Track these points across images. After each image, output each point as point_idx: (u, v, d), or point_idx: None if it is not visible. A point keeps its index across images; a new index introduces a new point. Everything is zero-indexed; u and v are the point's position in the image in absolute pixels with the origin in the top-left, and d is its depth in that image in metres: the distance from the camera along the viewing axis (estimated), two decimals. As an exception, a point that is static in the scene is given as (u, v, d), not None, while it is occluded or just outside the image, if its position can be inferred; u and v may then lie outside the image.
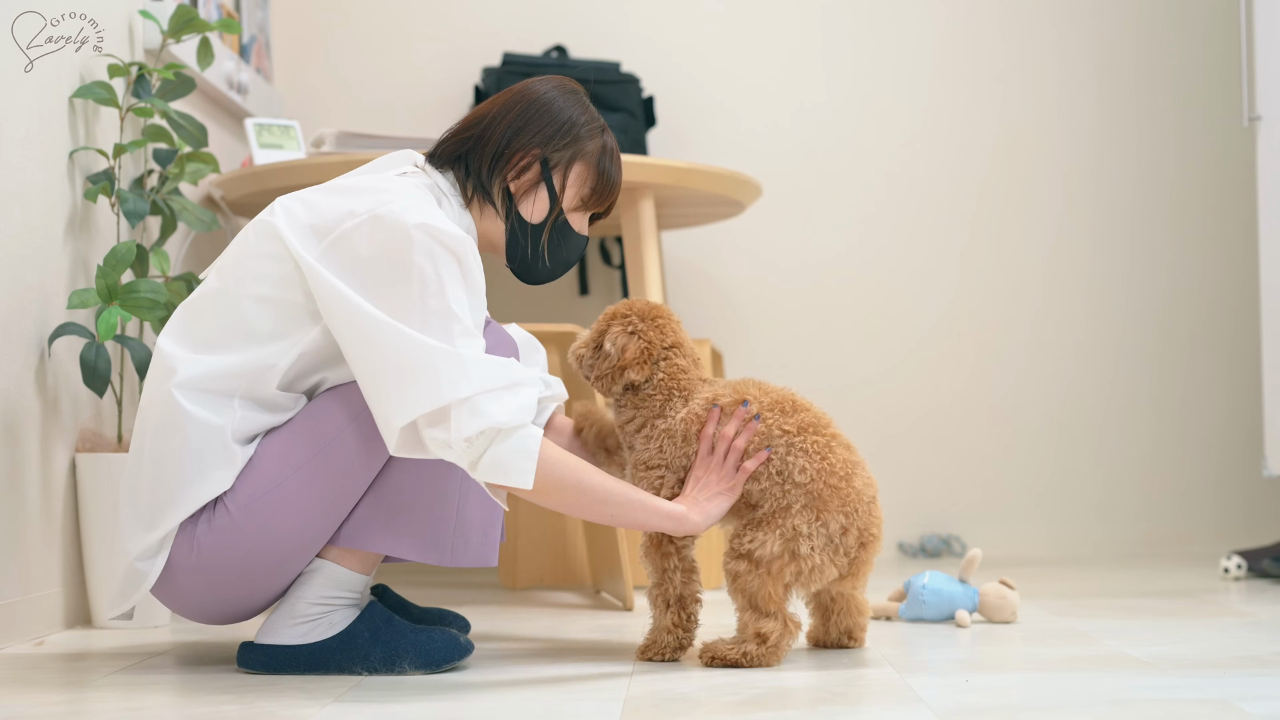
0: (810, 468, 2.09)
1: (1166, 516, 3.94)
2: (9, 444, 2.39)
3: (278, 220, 2.01)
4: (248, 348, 1.99)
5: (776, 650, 2.09)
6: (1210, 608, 2.71)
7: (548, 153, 2.13)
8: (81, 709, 1.84)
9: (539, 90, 2.16)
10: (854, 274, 3.92)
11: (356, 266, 1.95)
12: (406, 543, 2.02)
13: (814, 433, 2.11)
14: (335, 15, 3.91)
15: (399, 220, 1.94)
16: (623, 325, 2.19)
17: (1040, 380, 3.94)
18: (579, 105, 2.18)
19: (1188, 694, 1.84)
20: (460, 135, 2.15)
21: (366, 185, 2.04)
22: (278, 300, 1.99)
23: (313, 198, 2.04)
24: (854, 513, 2.10)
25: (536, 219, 2.15)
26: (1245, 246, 3.87)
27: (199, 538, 1.98)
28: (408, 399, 1.88)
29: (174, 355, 2.00)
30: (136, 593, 2.02)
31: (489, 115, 2.15)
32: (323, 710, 1.79)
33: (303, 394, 2.04)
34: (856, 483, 2.11)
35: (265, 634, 2.05)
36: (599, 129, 2.18)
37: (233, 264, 2.04)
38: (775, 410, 2.14)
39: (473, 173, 2.13)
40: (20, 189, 2.44)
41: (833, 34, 3.94)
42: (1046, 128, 3.95)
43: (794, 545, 2.07)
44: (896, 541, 3.88)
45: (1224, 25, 3.90)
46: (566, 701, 1.84)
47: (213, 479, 1.96)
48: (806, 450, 2.10)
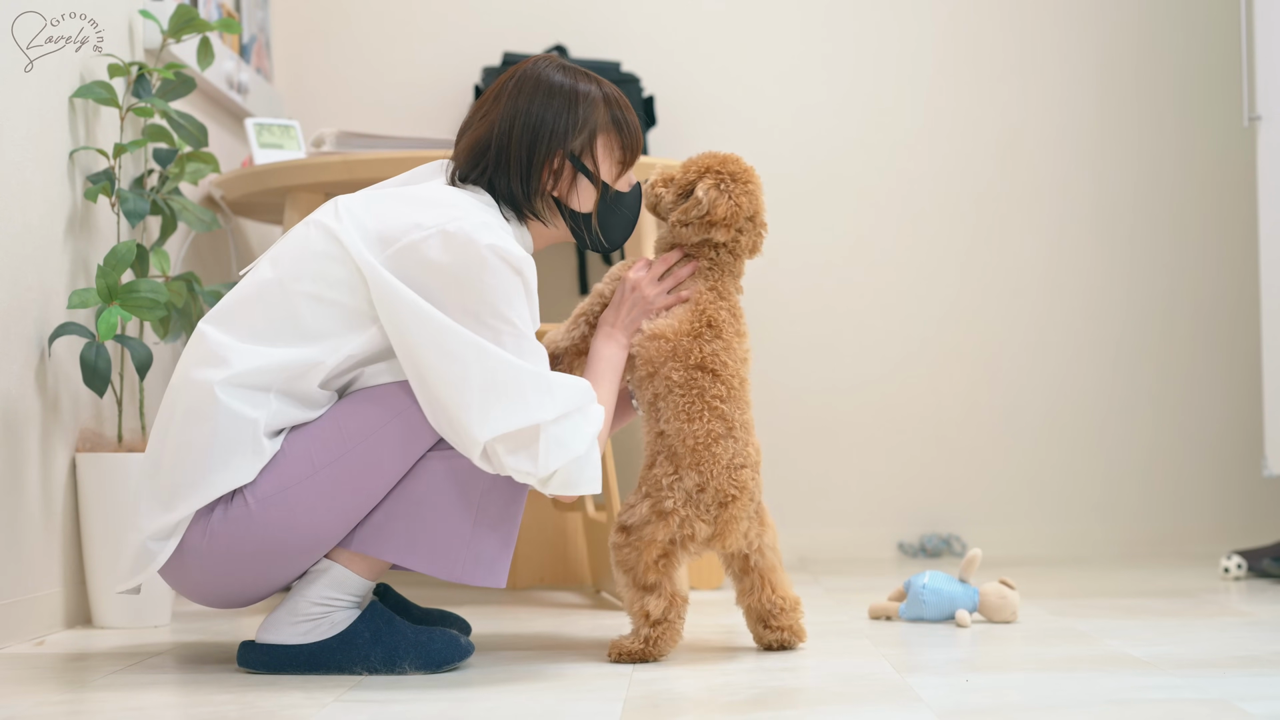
0: (675, 423, 2.14)
1: (1166, 516, 3.94)
2: (9, 444, 2.39)
3: (343, 225, 2.02)
4: (296, 344, 2.00)
5: (670, 628, 2.11)
6: (1210, 608, 2.71)
7: (569, 147, 2.13)
8: (81, 709, 1.84)
9: (529, 94, 2.12)
10: (854, 274, 3.92)
11: (426, 279, 1.96)
12: (419, 555, 2.03)
13: (696, 395, 2.14)
14: (335, 15, 3.91)
15: (470, 238, 1.97)
16: (714, 180, 2.21)
17: (1040, 380, 3.94)
18: (567, 83, 2.14)
19: (1188, 694, 1.84)
20: (474, 157, 2.13)
21: (433, 198, 2.05)
22: (333, 302, 2.00)
23: (378, 206, 2.05)
24: (709, 473, 2.12)
25: (588, 206, 2.18)
26: (1245, 246, 3.87)
27: (213, 525, 1.98)
28: (492, 416, 1.93)
29: (221, 343, 2.00)
30: (145, 572, 2.02)
31: (496, 134, 2.12)
32: (323, 710, 1.79)
33: (335, 392, 2.05)
34: (716, 449, 2.13)
35: (266, 631, 2.05)
36: (596, 93, 2.16)
37: (291, 258, 2.04)
38: (687, 337, 2.17)
39: (508, 197, 2.13)
40: (20, 189, 2.44)
41: (834, 34, 3.94)
42: (1047, 128, 3.95)
43: (660, 504, 2.11)
44: (897, 541, 3.88)
45: (1224, 25, 3.90)
46: (566, 701, 1.84)
47: (238, 469, 1.96)
48: (677, 406, 2.14)
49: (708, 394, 2.14)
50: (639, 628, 2.12)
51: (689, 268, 2.23)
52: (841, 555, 3.84)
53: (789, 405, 3.87)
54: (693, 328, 2.17)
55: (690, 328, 2.17)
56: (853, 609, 2.72)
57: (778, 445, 3.85)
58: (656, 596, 2.11)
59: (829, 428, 3.88)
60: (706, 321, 2.18)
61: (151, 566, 2.01)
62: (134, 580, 2.04)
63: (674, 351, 2.16)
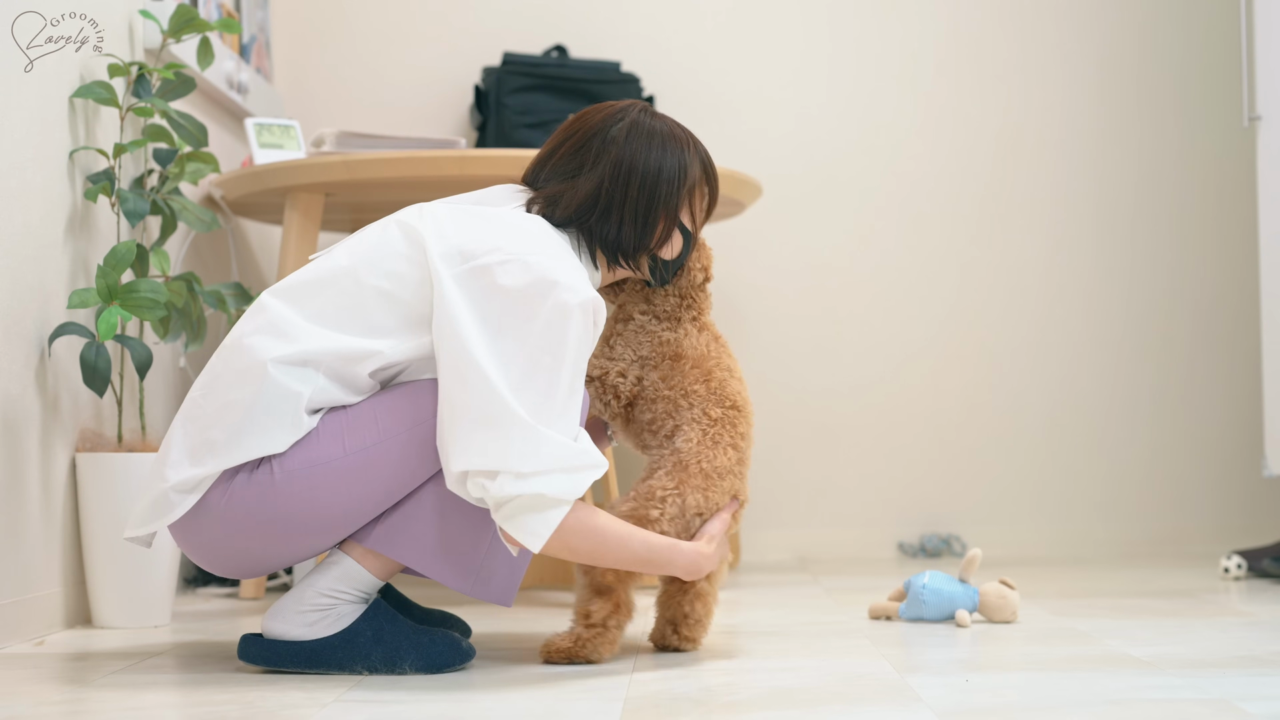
0: (694, 440, 2.13)
1: (1166, 516, 3.94)
2: (9, 444, 2.39)
3: (426, 229, 2.03)
4: (359, 334, 2.01)
5: (605, 634, 2.09)
6: (1210, 608, 2.71)
7: (674, 206, 2.16)
8: (81, 709, 1.84)
9: (638, 153, 2.13)
10: (855, 275, 3.92)
11: (490, 300, 1.96)
12: (434, 563, 2.03)
13: (729, 425, 2.14)
14: (335, 15, 3.91)
15: (546, 277, 1.96)
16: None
17: (1041, 380, 3.94)
18: (668, 135, 2.16)
19: (1188, 694, 1.84)
20: (586, 205, 2.12)
21: (518, 224, 2.05)
22: (401, 301, 2.01)
23: (463, 219, 2.05)
24: (713, 507, 2.12)
25: (675, 255, 2.21)
26: (1245, 247, 3.87)
27: (235, 487, 1.98)
28: (471, 449, 1.91)
29: (286, 318, 2.01)
30: (161, 520, 2.02)
31: (603, 189, 2.11)
32: (323, 710, 1.79)
33: (379, 383, 2.06)
34: (725, 484, 2.13)
35: (272, 619, 2.05)
36: (691, 149, 2.18)
37: (368, 249, 2.05)
38: (706, 385, 2.18)
39: (614, 245, 2.13)
40: (20, 189, 2.44)
41: (835, 35, 3.94)
42: (1047, 128, 3.95)
43: (645, 510, 2.09)
44: (897, 541, 3.88)
45: (1224, 25, 3.90)
46: (566, 701, 1.85)
47: (274, 438, 1.97)
48: (705, 431, 2.14)
49: (737, 429, 2.16)
50: (575, 626, 2.11)
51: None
52: (841, 555, 3.84)
53: (790, 406, 3.87)
54: (719, 362, 2.21)
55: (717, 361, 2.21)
56: (853, 609, 2.72)
57: (778, 446, 3.86)
58: (604, 600, 2.10)
59: (829, 428, 3.88)
60: (728, 359, 2.22)
61: (169, 516, 2.01)
62: (148, 527, 2.04)
63: (705, 380, 2.18)
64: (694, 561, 2.11)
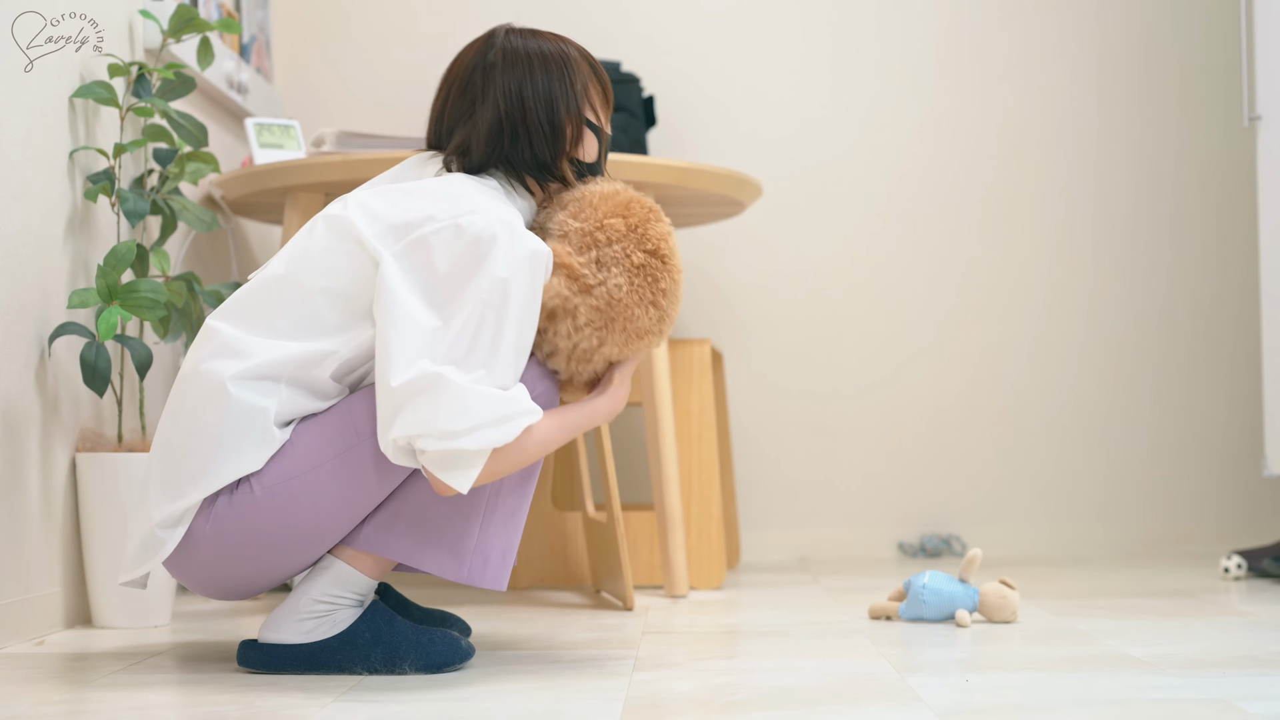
0: (624, 287, 2.06)
1: (1166, 516, 3.94)
2: (9, 444, 2.39)
3: (353, 215, 2.02)
4: (311, 338, 2.01)
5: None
6: (1210, 608, 2.71)
7: (575, 108, 2.17)
8: (81, 709, 1.84)
9: (524, 66, 2.15)
10: (855, 275, 3.92)
11: (431, 271, 1.96)
12: (426, 554, 2.03)
13: (650, 278, 2.09)
14: (335, 15, 3.91)
15: (482, 235, 1.96)
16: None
17: (1041, 380, 3.94)
18: (544, 47, 2.18)
19: (1188, 694, 1.84)
20: (492, 140, 2.13)
21: (446, 191, 2.05)
22: (346, 295, 2.01)
23: (391, 197, 2.05)
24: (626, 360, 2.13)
25: (594, 156, 2.22)
26: (1245, 247, 3.87)
27: (218, 511, 1.98)
28: (401, 418, 1.90)
29: (235, 337, 2.01)
30: (152, 560, 2.02)
31: (505, 112, 2.13)
32: (323, 710, 1.79)
33: (347, 386, 2.06)
34: (645, 343, 2.11)
35: (268, 629, 2.05)
36: (572, 49, 2.20)
37: (301, 252, 2.05)
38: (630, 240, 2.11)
39: (534, 165, 2.14)
40: (20, 189, 2.44)
41: (835, 35, 3.94)
42: (1048, 128, 3.95)
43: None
44: (897, 541, 3.88)
45: (1224, 25, 3.90)
46: (566, 701, 1.84)
47: (246, 457, 1.97)
48: (630, 280, 2.07)
49: (658, 285, 2.09)
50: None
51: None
52: (841, 555, 3.84)
53: (790, 406, 3.87)
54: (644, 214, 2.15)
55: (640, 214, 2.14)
56: (853, 609, 2.72)
57: (779, 446, 3.86)
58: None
59: (830, 428, 3.88)
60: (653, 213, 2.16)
61: (160, 554, 2.01)
62: (141, 569, 2.04)
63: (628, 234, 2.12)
64: (613, 407, 2.15)
